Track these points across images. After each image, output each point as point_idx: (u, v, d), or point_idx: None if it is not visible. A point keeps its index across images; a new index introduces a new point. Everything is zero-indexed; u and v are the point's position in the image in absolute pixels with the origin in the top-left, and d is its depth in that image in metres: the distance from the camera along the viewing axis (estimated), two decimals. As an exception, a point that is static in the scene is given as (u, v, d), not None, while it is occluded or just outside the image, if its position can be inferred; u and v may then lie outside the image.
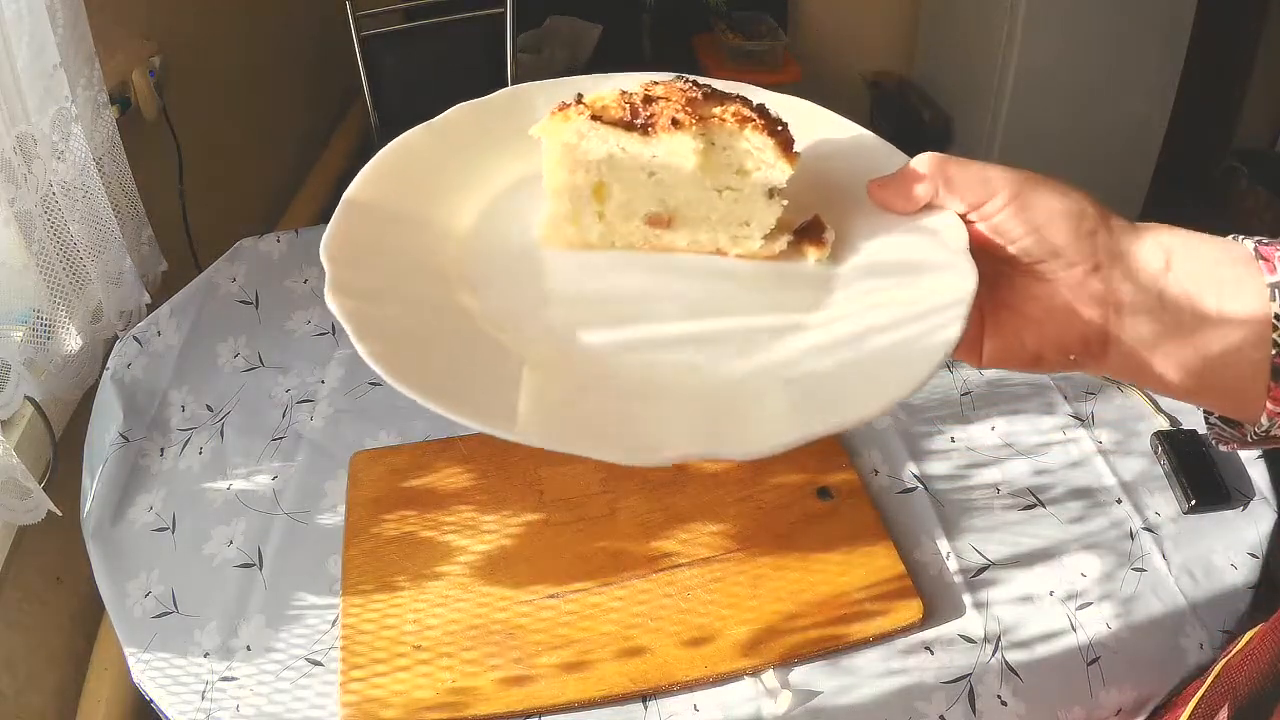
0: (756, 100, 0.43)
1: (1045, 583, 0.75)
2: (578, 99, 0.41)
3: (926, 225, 0.40)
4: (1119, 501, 0.81)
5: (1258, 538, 0.77)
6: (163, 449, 0.87)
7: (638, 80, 0.43)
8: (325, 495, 0.83)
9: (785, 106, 0.44)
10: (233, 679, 0.69)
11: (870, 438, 0.87)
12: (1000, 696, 0.67)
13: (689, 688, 0.68)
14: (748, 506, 0.80)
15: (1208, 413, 0.42)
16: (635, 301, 0.41)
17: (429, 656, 0.69)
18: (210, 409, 0.91)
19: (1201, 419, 0.43)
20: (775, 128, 0.41)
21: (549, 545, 0.77)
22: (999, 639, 0.71)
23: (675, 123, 0.40)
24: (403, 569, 0.76)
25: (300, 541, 0.79)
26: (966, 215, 0.39)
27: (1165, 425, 0.87)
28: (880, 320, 0.38)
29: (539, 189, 0.43)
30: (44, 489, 0.82)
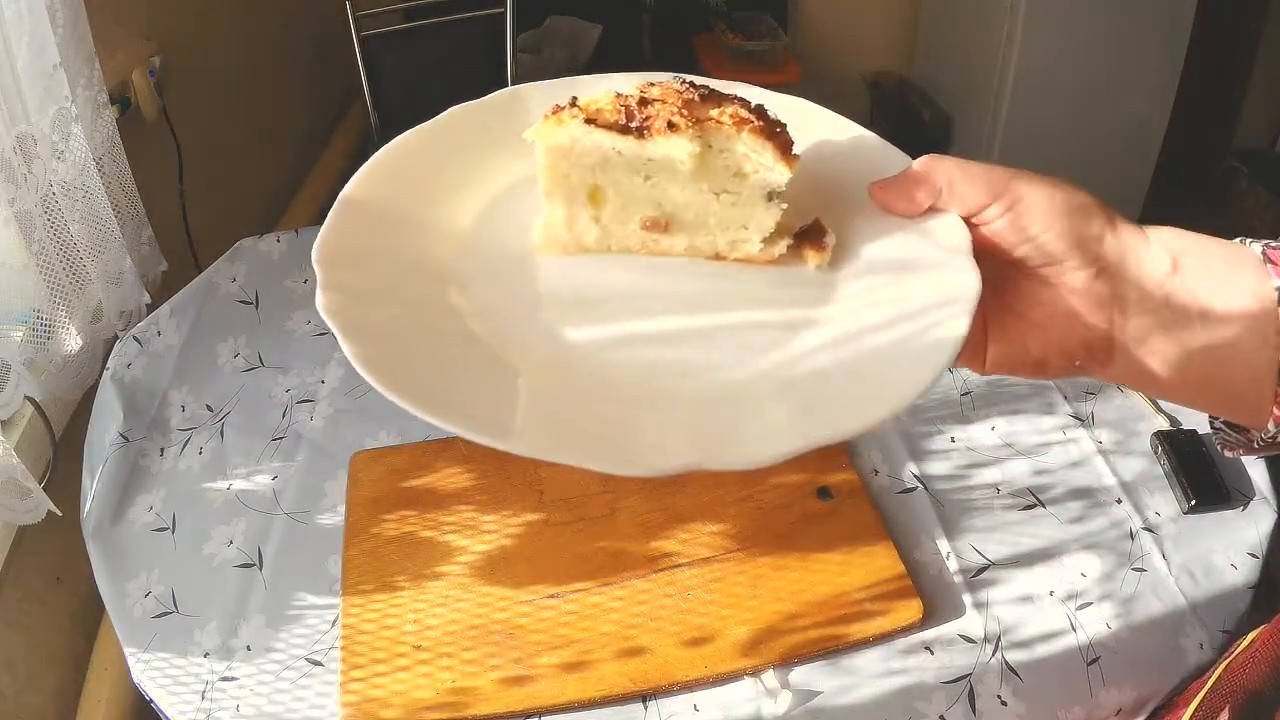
0: (755, 101, 0.42)
1: (1045, 583, 0.75)
2: (571, 102, 0.40)
3: (929, 228, 0.39)
4: (1119, 501, 0.81)
5: (1258, 538, 0.77)
6: (163, 449, 0.87)
7: (636, 81, 0.42)
8: (325, 495, 0.83)
9: (785, 107, 0.43)
10: (233, 679, 0.69)
11: (870, 438, 0.87)
12: (1000, 696, 0.68)
13: (689, 688, 0.68)
14: (748, 506, 0.80)
15: (1213, 418, 0.42)
16: (632, 307, 0.40)
17: (429, 656, 0.69)
18: (210, 409, 0.91)
19: (1203, 420, 0.43)
20: (774, 129, 0.40)
21: (549, 545, 0.77)
22: (999, 639, 0.71)
23: (671, 125, 0.39)
24: (403, 569, 0.76)
25: (300, 541, 0.79)
26: (970, 218, 0.38)
27: (1165, 425, 0.87)
28: (882, 325, 0.37)
29: (536, 192, 0.42)
30: (44, 489, 0.82)
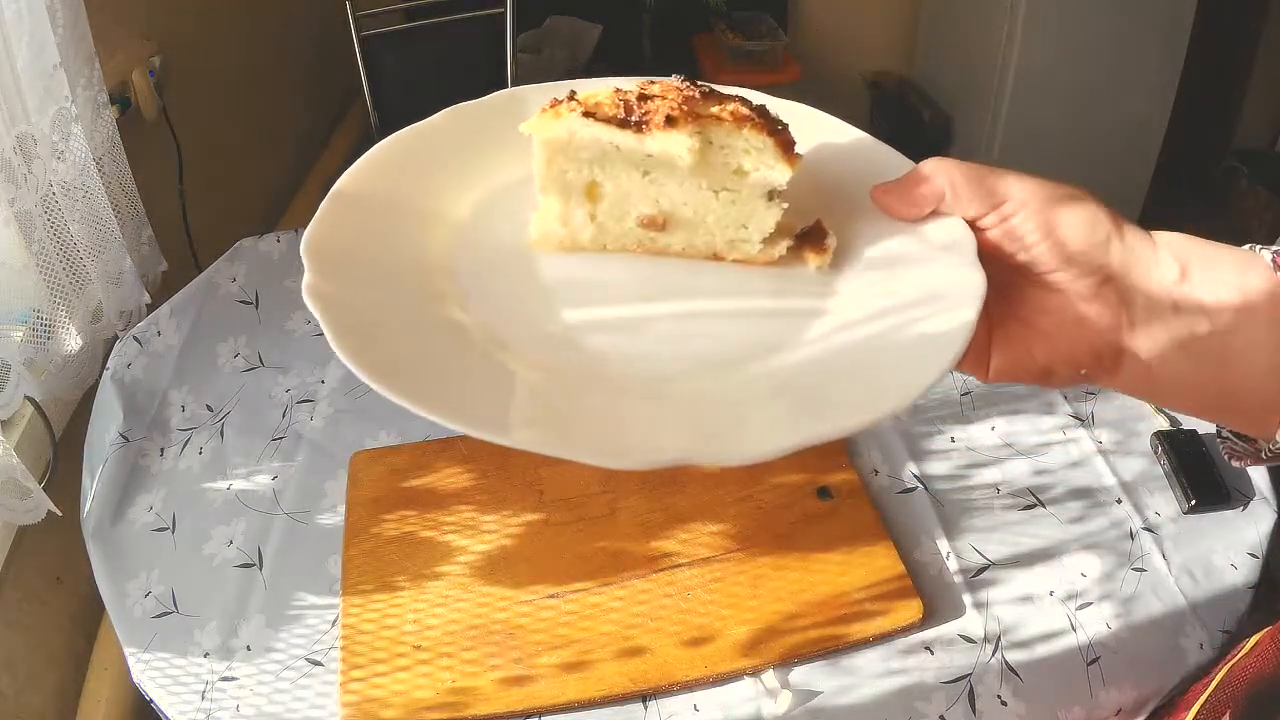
0: (756, 102, 0.42)
1: (1045, 583, 0.75)
2: (570, 95, 0.40)
3: (932, 232, 0.39)
4: (1119, 501, 0.81)
5: (1258, 538, 0.77)
6: (163, 449, 0.87)
7: (637, 82, 0.42)
8: (325, 495, 0.83)
9: (786, 110, 0.43)
10: (233, 679, 0.69)
11: (870, 437, 0.87)
12: (1000, 696, 0.67)
13: (689, 688, 0.68)
14: (748, 506, 0.80)
15: (1220, 428, 0.41)
16: (627, 305, 0.40)
17: (429, 656, 0.69)
18: (210, 409, 0.91)
19: (1202, 421, 0.43)
20: (775, 127, 0.39)
21: (549, 545, 0.77)
22: (999, 639, 0.71)
23: (670, 120, 0.38)
24: (403, 569, 0.76)
25: (300, 541, 0.79)
26: (974, 222, 0.38)
27: (1165, 425, 0.87)
28: (884, 322, 0.37)
29: (533, 189, 0.42)
30: (44, 489, 0.82)
